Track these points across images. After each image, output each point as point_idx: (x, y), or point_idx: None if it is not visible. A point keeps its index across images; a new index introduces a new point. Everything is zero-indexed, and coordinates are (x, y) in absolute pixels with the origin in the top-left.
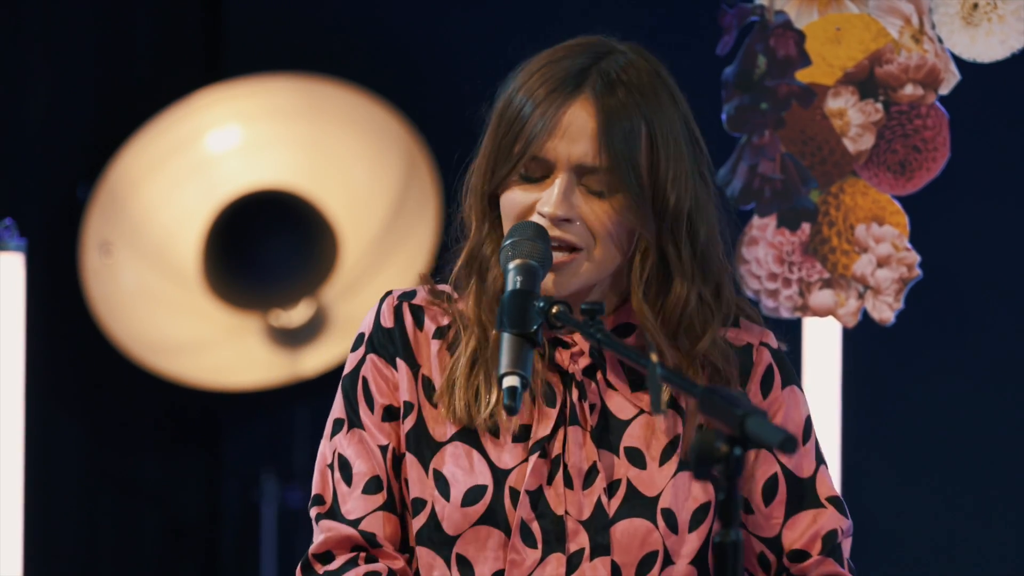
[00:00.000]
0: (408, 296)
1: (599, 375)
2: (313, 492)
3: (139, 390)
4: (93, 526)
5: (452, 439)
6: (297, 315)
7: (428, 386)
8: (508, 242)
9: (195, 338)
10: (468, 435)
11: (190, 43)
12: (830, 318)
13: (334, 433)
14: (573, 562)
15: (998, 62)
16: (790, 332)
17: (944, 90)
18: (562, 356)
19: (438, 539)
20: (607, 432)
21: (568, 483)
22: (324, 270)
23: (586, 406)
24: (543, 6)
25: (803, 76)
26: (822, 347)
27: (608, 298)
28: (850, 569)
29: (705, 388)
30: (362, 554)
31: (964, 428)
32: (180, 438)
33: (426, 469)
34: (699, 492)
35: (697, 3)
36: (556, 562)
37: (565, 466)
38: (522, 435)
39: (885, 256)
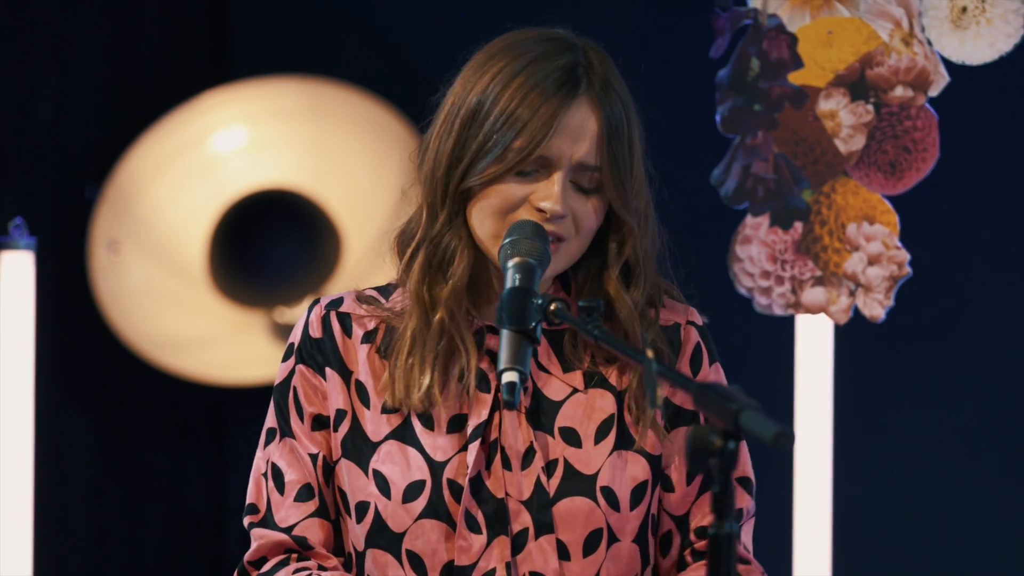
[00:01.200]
0: (335, 304)
1: (530, 358)
2: (247, 501)
3: (147, 385)
4: (102, 517)
5: (387, 438)
6: (301, 312)
7: (361, 390)
8: (507, 240)
9: (201, 334)
10: (402, 432)
11: (196, 46)
12: (822, 315)
13: (267, 443)
14: (519, 543)
15: (986, 64)
16: (783, 329)
17: (933, 92)
18: (492, 342)
19: (386, 538)
20: (541, 413)
21: (506, 465)
22: (327, 268)
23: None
24: (541, 11)
25: (795, 78)
26: (814, 343)
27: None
28: (744, 549)
29: (699, 384)
30: (294, 555)
31: (954, 423)
32: (187, 432)
33: (365, 471)
34: (637, 471)
35: (691, 7)
36: (501, 544)
37: (503, 449)
38: (456, 425)
39: (876, 254)
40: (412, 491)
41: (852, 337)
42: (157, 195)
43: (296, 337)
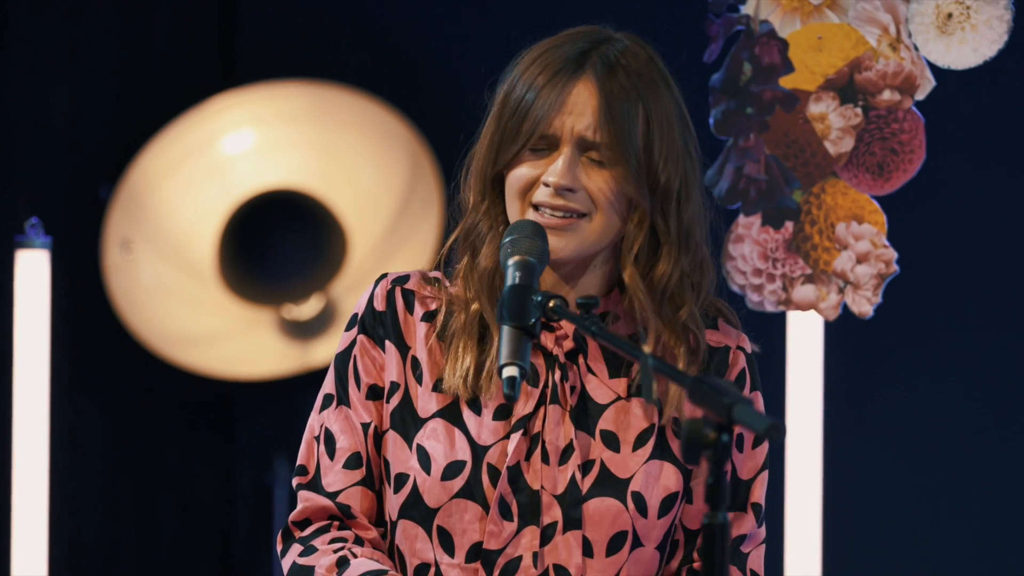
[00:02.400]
0: (401, 280)
1: (581, 359)
2: (298, 462)
3: (158, 380)
4: (115, 508)
5: (434, 415)
6: (308, 309)
7: (416, 366)
8: (507, 239)
9: (211, 330)
10: (450, 412)
11: (206, 52)
12: (812, 312)
13: (323, 407)
14: (547, 534)
15: (971, 69)
16: (774, 325)
17: (920, 95)
18: (547, 339)
19: (420, 512)
20: (585, 414)
21: (545, 459)
22: (333, 266)
23: (567, 387)
24: (539, 16)
25: (786, 82)
26: (805, 339)
27: (603, 279)
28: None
29: (694, 377)
30: (335, 523)
31: (939, 416)
32: (197, 425)
33: (409, 444)
34: (670, 481)
35: (686, 13)
36: (531, 534)
37: (543, 443)
38: (502, 413)
39: (864, 253)
40: (452, 470)
41: (841, 333)
42: (168, 195)
43: (361, 308)
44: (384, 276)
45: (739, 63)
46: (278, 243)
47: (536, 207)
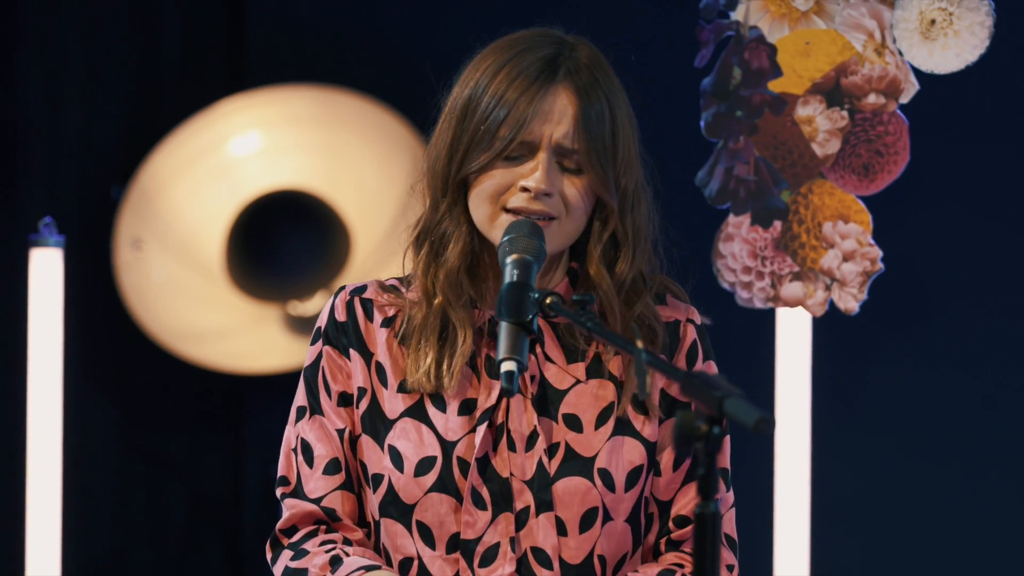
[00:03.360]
0: (359, 291)
1: (538, 348)
2: (279, 474)
3: (168, 374)
4: (126, 498)
5: (402, 415)
6: (313, 305)
7: (380, 370)
8: (506, 238)
9: (219, 326)
10: (416, 410)
11: (214, 57)
12: (800, 308)
13: (298, 419)
14: (521, 519)
15: (953, 73)
16: (763, 321)
17: (904, 99)
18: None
19: (398, 509)
20: (546, 400)
21: (511, 447)
22: (338, 264)
23: (527, 377)
24: (539, 22)
25: (775, 86)
26: (793, 335)
27: (563, 267)
28: (728, 540)
29: (687, 372)
30: (322, 527)
31: (923, 408)
32: (205, 418)
33: (381, 445)
34: (633, 456)
35: (677, 19)
36: (505, 520)
37: (508, 431)
38: (466, 408)
39: (850, 251)
40: (424, 466)
41: (828, 329)
42: (178, 196)
43: (323, 321)
44: (342, 288)
45: (729, 67)
46: (284, 242)
47: (510, 210)
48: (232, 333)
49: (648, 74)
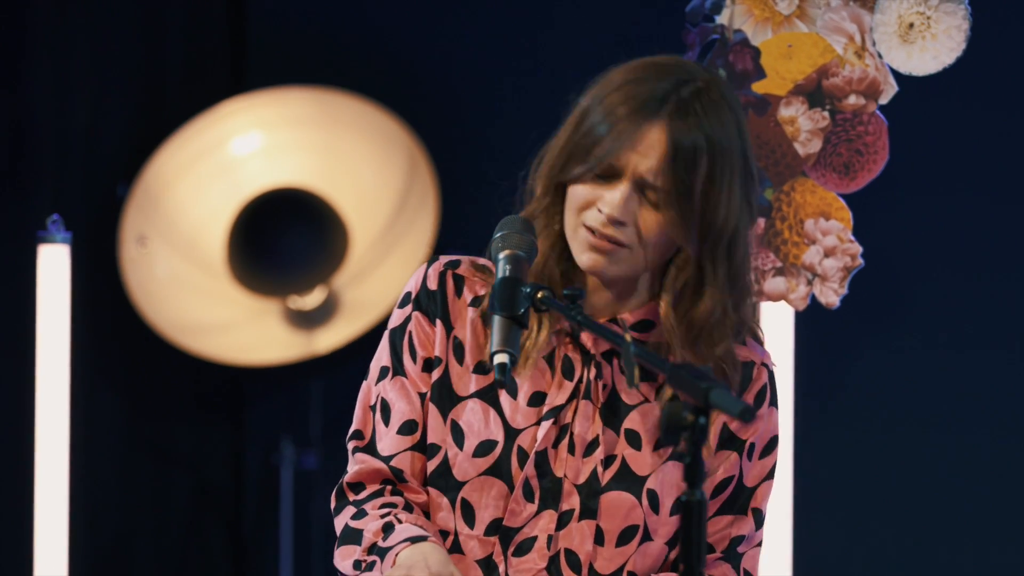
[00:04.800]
0: (453, 265)
1: (615, 360)
2: (353, 427)
3: (171, 366)
4: (131, 486)
5: (473, 395)
6: (312, 299)
7: (458, 346)
8: (498, 235)
9: (221, 320)
10: (488, 393)
11: (216, 59)
12: (782, 302)
13: (380, 379)
14: (563, 520)
15: (931, 75)
16: None
17: (883, 100)
18: (586, 337)
19: (446, 483)
20: (613, 412)
21: (571, 449)
22: (336, 259)
23: (600, 385)
24: (527, 31)
25: (759, 87)
26: (776, 327)
27: (641, 293)
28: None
29: (674, 364)
30: (388, 487)
31: (900, 398)
32: (208, 409)
33: (444, 418)
34: (683, 482)
35: (664, 22)
36: (548, 517)
37: (572, 434)
38: (536, 400)
39: (831, 247)
40: (484, 448)
41: (810, 322)
42: (181, 194)
43: (414, 287)
44: (436, 258)
45: (714, 70)
46: (284, 238)
47: (586, 227)
48: (233, 326)
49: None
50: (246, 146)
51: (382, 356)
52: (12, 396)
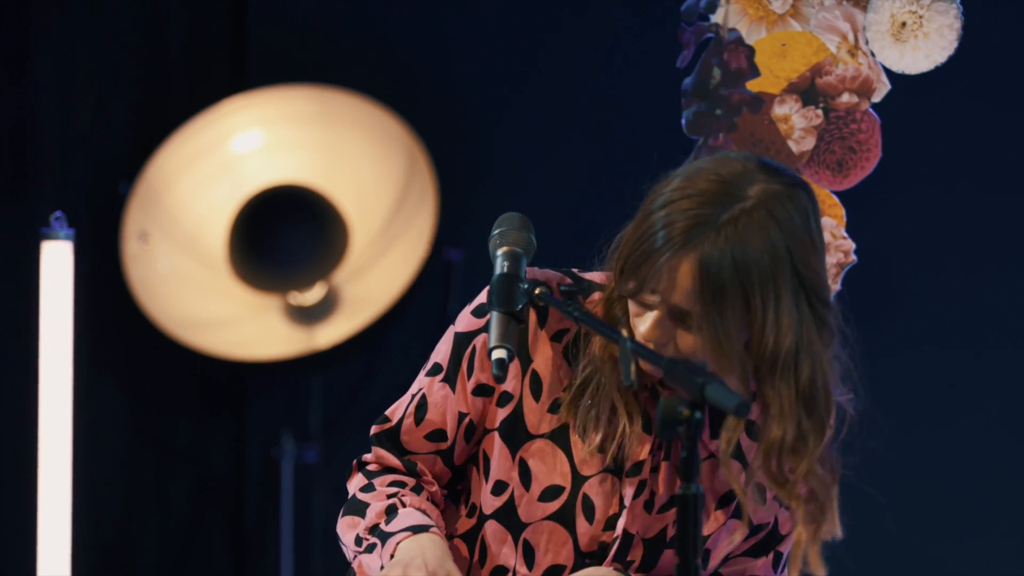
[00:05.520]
0: (543, 296)
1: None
2: (391, 408)
3: (173, 361)
4: (133, 480)
5: (544, 435)
6: (312, 295)
7: (535, 381)
8: (496, 231)
9: (222, 316)
10: (559, 435)
11: (217, 58)
12: None
13: (431, 373)
14: (622, 568)
15: (923, 74)
16: None
17: (876, 98)
18: (651, 403)
19: (511, 521)
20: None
21: (648, 508)
22: (336, 256)
23: (678, 443)
24: (528, 24)
25: (753, 86)
26: None
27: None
28: None
29: (670, 359)
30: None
31: (893, 395)
32: (209, 403)
33: (513, 455)
34: (736, 537)
35: (660, 22)
36: (611, 569)
37: (652, 493)
38: (604, 446)
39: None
40: (550, 492)
41: None
42: (183, 191)
43: None
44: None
45: (709, 68)
46: (284, 235)
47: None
48: (234, 322)
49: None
50: (247, 144)
51: (441, 351)
52: (15, 390)
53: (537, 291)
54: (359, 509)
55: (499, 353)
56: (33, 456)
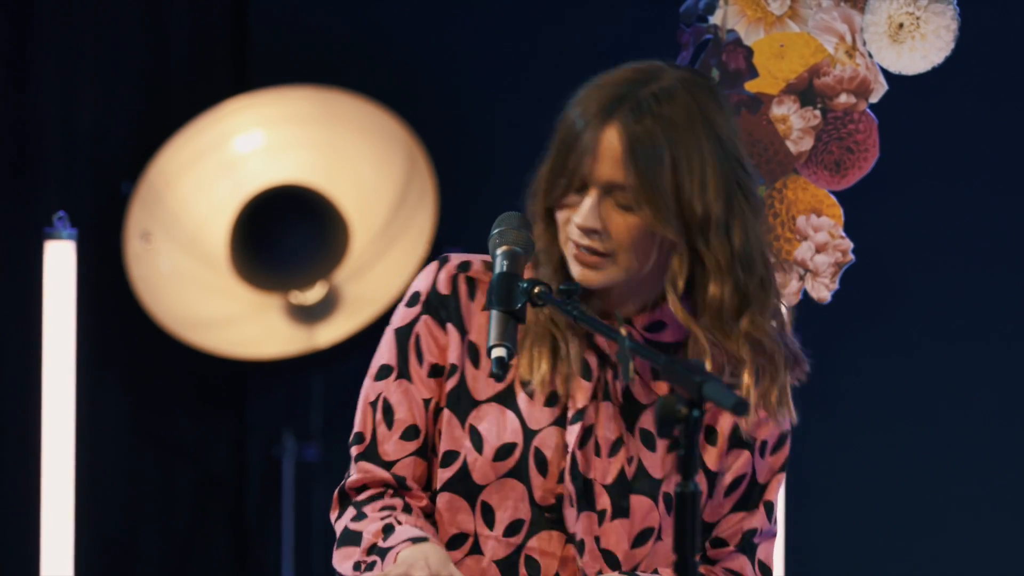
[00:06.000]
0: (465, 267)
1: (631, 364)
2: (355, 430)
3: (175, 360)
4: (135, 478)
5: (490, 399)
6: (313, 295)
7: (473, 350)
8: (496, 231)
9: (224, 315)
10: (506, 396)
11: (219, 59)
12: None
13: (380, 377)
14: (599, 520)
15: (920, 75)
16: None
17: (874, 99)
18: (601, 340)
19: (466, 487)
20: (628, 412)
21: (597, 451)
22: (336, 255)
23: (617, 385)
24: (527, 25)
25: (751, 86)
26: None
27: (640, 296)
28: (762, 566)
29: (667, 357)
30: (389, 491)
31: (889, 390)
32: (211, 402)
33: (463, 423)
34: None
35: (659, 23)
36: (589, 519)
37: (596, 436)
38: (552, 399)
39: (823, 243)
40: (503, 451)
41: (802, 316)
42: (185, 191)
43: (423, 288)
44: (446, 259)
45: (708, 69)
46: (285, 234)
47: (573, 242)
48: (236, 321)
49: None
50: (248, 144)
51: (385, 353)
52: (19, 389)
53: (536, 289)
54: (353, 538)
55: (499, 352)
56: (36, 454)
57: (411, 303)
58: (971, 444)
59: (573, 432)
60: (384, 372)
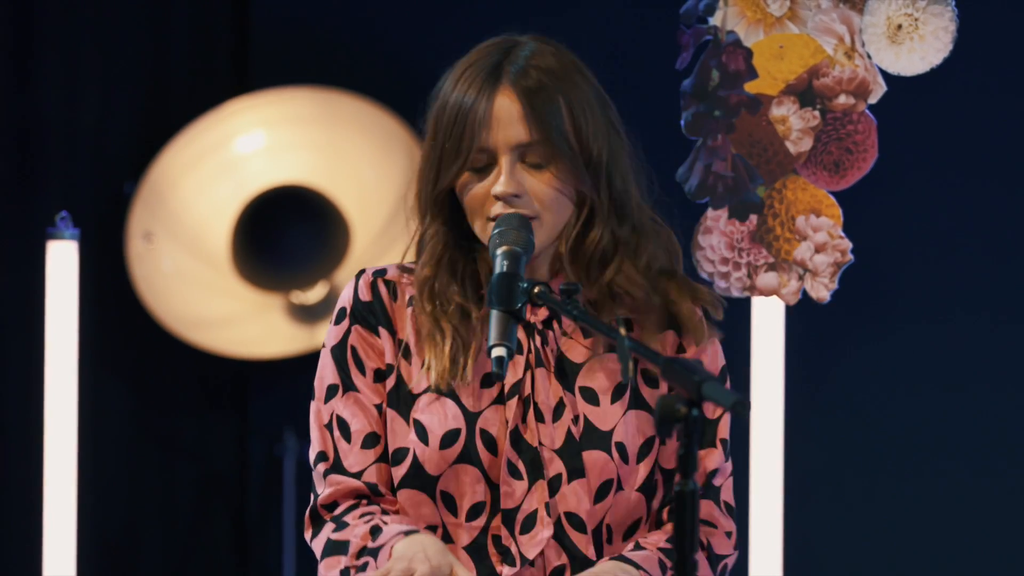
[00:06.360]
0: (380, 273)
1: (555, 324)
2: (317, 450)
3: (177, 359)
4: (137, 477)
5: (426, 390)
6: (314, 294)
7: (405, 349)
8: (496, 232)
9: (226, 314)
10: (440, 386)
11: (221, 59)
12: (774, 297)
13: (329, 397)
14: (553, 486)
15: (919, 75)
16: (740, 309)
17: (872, 100)
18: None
19: (421, 481)
20: (564, 374)
21: (539, 418)
22: (338, 255)
23: (548, 351)
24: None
25: (751, 87)
26: (767, 322)
27: (546, 257)
28: (727, 507)
29: (667, 358)
30: (363, 500)
31: (889, 390)
32: (213, 401)
33: (407, 419)
34: (645, 428)
35: (659, 25)
36: (540, 488)
37: (536, 404)
38: (488, 380)
39: (822, 243)
40: (448, 439)
41: (801, 316)
42: (186, 191)
43: (347, 302)
44: (363, 272)
45: (708, 70)
46: (287, 235)
47: (492, 219)
48: (238, 321)
49: (631, 76)
50: (250, 144)
51: (326, 375)
52: (22, 389)
53: (536, 289)
54: (339, 547)
55: (499, 351)
56: (39, 453)
57: (338, 320)
58: (971, 442)
59: (511, 407)
60: (331, 392)
